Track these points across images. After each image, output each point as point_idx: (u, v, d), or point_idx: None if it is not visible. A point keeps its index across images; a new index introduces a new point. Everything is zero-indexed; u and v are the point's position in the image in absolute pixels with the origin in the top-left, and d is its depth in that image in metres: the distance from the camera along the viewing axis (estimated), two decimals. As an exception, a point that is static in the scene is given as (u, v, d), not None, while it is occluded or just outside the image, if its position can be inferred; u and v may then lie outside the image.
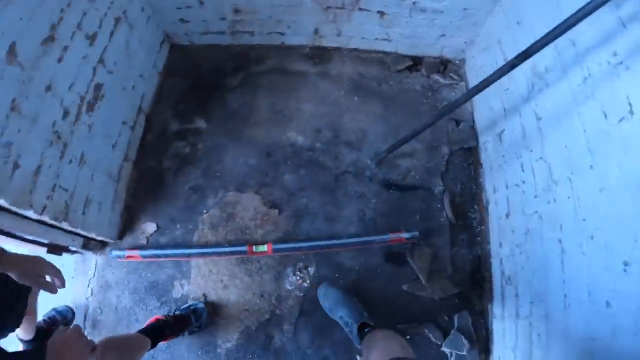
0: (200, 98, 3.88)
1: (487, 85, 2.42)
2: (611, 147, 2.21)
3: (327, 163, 3.66)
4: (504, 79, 2.39)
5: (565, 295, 2.50)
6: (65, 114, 2.60)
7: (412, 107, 4.00)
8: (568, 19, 1.94)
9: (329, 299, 3.06)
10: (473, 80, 4.06)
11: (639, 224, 1.99)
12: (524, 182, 3.06)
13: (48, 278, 1.87)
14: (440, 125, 3.85)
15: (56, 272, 1.88)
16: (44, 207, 2.41)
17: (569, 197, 2.54)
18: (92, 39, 2.81)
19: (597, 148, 2.32)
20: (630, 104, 2.08)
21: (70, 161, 2.66)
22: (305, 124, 3.80)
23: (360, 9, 3.66)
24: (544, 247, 2.76)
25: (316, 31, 3.99)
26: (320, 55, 4.16)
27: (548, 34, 2.04)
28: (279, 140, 3.73)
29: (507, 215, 3.27)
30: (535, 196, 2.90)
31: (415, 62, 4.22)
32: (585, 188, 2.41)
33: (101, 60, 2.91)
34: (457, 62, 4.28)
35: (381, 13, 3.68)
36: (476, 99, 3.86)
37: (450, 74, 4.18)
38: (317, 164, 3.66)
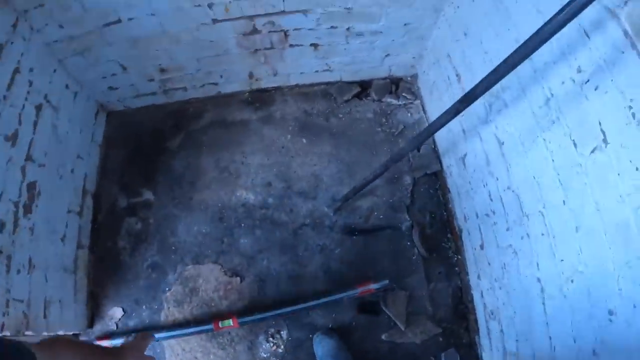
0: (144, 166, 3.60)
1: (435, 131, 2.13)
2: (585, 181, 1.92)
3: (282, 218, 3.40)
4: (458, 97, 2.08)
5: (551, 338, 2.24)
6: (2, 226, 2.34)
7: (366, 139, 3.70)
8: (520, 48, 1.58)
9: (322, 348, 2.94)
10: (427, 97, 3.77)
11: (623, 271, 1.72)
12: (493, 212, 2.77)
13: None
14: (399, 152, 3.50)
15: None
16: (2, 325, 2.21)
17: (542, 234, 2.26)
18: (13, 139, 2.50)
19: (569, 182, 2.03)
20: (603, 132, 1.78)
21: (19, 271, 2.42)
22: (254, 179, 3.53)
23: (292, 46, 3.38)
24: (523, 284, 2.49)
25: (251, 75, 3.69)
26: (260, 98, 3.89)
27: (495, 71, 1.71)
28: (229, 201, 3.47)
29: (482, 247, 2.99)
30: (508, 229, 2.62)
31: (364, 87, 3.92)
32: (560, 225, 2.12)
33: (29, 158, 2.62)
34: (409, 78, 3.99)
35: (315, 45, 3.40)
36: (434, 118, 3.52)
37: (403, 94, 3.87)
38: (272, 221, 3.40)
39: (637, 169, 1.64)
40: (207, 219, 3.41)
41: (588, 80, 1.83)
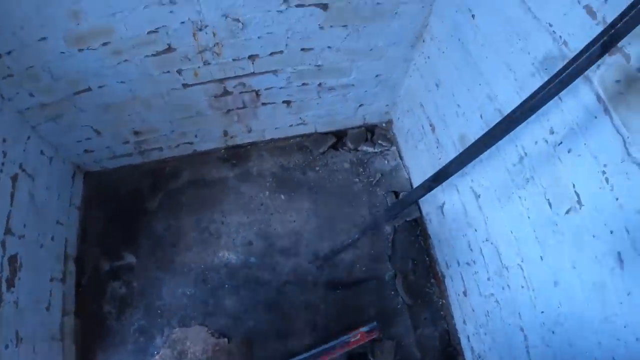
0: (124, 228, 3.50)
1: (410, 204, 2.08)
2: (561, 240, 1.89)
3: (265, 277, 3.33)
4: (433, 147, 2.04)
5: (540, 388, 2.16)
6: (-14, 303, 2.25)
7: (344, 191, 3.66)
8: (490, 131, 1.56)
9: None
10: (403, 144, 3.74)
11: (602, 326, 1.72)
12: (474, 261, 2.74)
13: None
14: (379, 202, 3.45)
15: None
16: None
17: (522, 287, 2.24)
18: (-10, 214, 2.41)
19: (546, 239, 2.01)
20: (577, 194, 1.76)
21: (7, 346, 2.33)
22: (235, 239, 3.46)
23: (264, 104, 3.35)
24: (507, 332, 2.45)
25: (225, 133, 3.63)
26: (236, 154, 3.84)
27: (468, 151, 1.67)
28: (211, 262, 3.38)
29: (465, 294, 2.95)
30: (488, 279, 2.59)
31: (339, 137, 3.89)
32: (539, 279, 2.11)
33: (8, 231, 2.54)
34: (384, 125, 3.97)
35: (287, 102, 3.37)
36: (411, 164, 3.63)
37: (379, 141, 3.84)
38: (255, 280, 3.32)
39: (611, 232, 1.61)
40: (191, 281, 3.32)
41: (561, 142, 1.81)
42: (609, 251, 1.65)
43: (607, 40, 1.18)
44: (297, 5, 2.52)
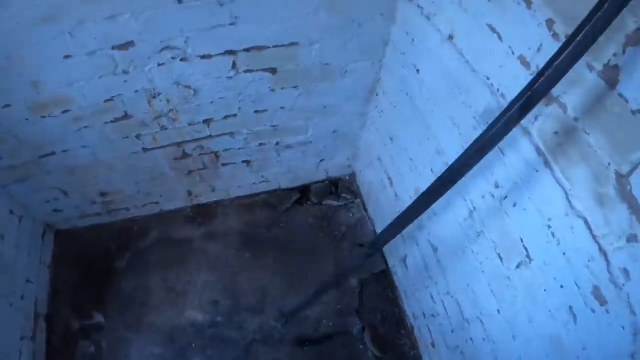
0: (94, 287, 3.37)
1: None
2: (515, 294, 1.83)
3: (232, 336, 3.19)
4: (392, 201, 1.98)
5: None
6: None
7: (310, 246, 3.56)
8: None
9: None
10: (367, 196, 3.68)
11: None
12: (438, 314, 2.66)
13: None
14: (343, 255, 3.34)
15: None
16: None
17: (484, 339, 2.15)
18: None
19: (500, 293, 1.94)
20: (525, 248, 1.70)
21: None
22: (201, 297, 3.31)
23: (224, 164, 3.29)
24: None
25: (189, 192, 3.57)
26: (202, 213, 3.75)
27: (402, 217, 1.61)
28: (178, 322, 3.22)
29: (433, 345, 2.84)
30: (452, 331, 2.50)
31: (304, 191, 3.80)
32: (498, 332, 2.02)
33: None
34: (347, 177, 3.90)
35: (247, 162, 3.32)
36: (375, 216, 3.57)
37: (343, 194, 3.76)
38: (222, 339, 3.15)
39: (561, 286, 1.53)
40: (159, 341, 3.16)
41: (506, 196, 1.75)
42: (561, 305, 1.58)
43: (525, 104, 1.11)
44: (246, 71, 2.50)
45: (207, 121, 2.82)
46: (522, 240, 1.71)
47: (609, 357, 1.43)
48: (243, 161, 3.30)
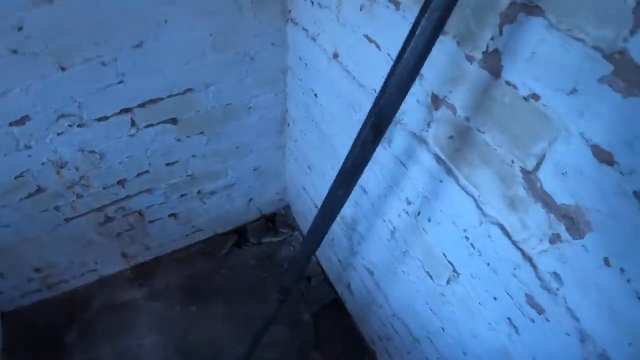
0: None
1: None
2: (452, 310, 1.68)
3: (191, 396, 2.92)
4: None
5: None
6: None
7: (254, 287, 3.34)
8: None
9: None
10: (304, 227, 3.47)
11: None
12: (391, 337, 2.47)
13: None
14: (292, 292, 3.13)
15: None
16: None
17: (438, 358, 1.97)
18: None
19: (439, 310, 1.79)
20: (450, 263, 1.54)
21: None
22: None
23: (151, 222, 3.07)
24: None
25: (124, 255, 3.34)
26: (142, 273, 3.48)
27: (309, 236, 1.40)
28: None
29: None
30: (408, 352, 2.31)
31: (241, 233, 3.55)
32: (449, 350, 1.86)
33: None
34: (282, 211, 3.69)
35: (174, 215, 3.10)
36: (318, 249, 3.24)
37: (281, 229, 3.56)
38: (180, 401, 2.90)
39: (495, 298, 1.35)
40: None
41: (419, 212, 1.60)
42: (500, 318, 1.42)
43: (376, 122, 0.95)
44: (147, 126, 2.34)
45: (120, 182, 2.62)
46: (445, 256, 1.56)
47: (562, 365, 1.27)
48: (169, 215, 3.09)
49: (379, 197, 1.84)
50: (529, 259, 1.20)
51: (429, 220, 1.55)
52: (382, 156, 1.70)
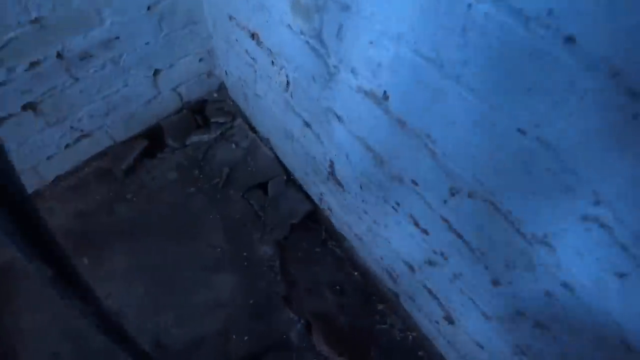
0: None
1: None
2: None
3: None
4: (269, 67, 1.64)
5: None
6: None
7: (178, 214, 2.08)
8: None
9: None
10: (248, 107, 2.25)
11: None
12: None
13: None
14: (238, 212, 1.88)
15: None
16: None
17: None
18: None
19: None
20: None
21: None
22: (37, 351, 1.81)
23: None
24: None
25: None
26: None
27: None
28: None
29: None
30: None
31: (154, 136, 2.27)
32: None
33: None
34: (215, 94, 2.47)
35: (31, 106, 1.76)
36: (272, 134, 2.18)
37: (214, 119, 2.36)
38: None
39: None
40: None
41: None
42: None
43: None
44: None
45: None
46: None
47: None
48: (24, 106, 1.72)
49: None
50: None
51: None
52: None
